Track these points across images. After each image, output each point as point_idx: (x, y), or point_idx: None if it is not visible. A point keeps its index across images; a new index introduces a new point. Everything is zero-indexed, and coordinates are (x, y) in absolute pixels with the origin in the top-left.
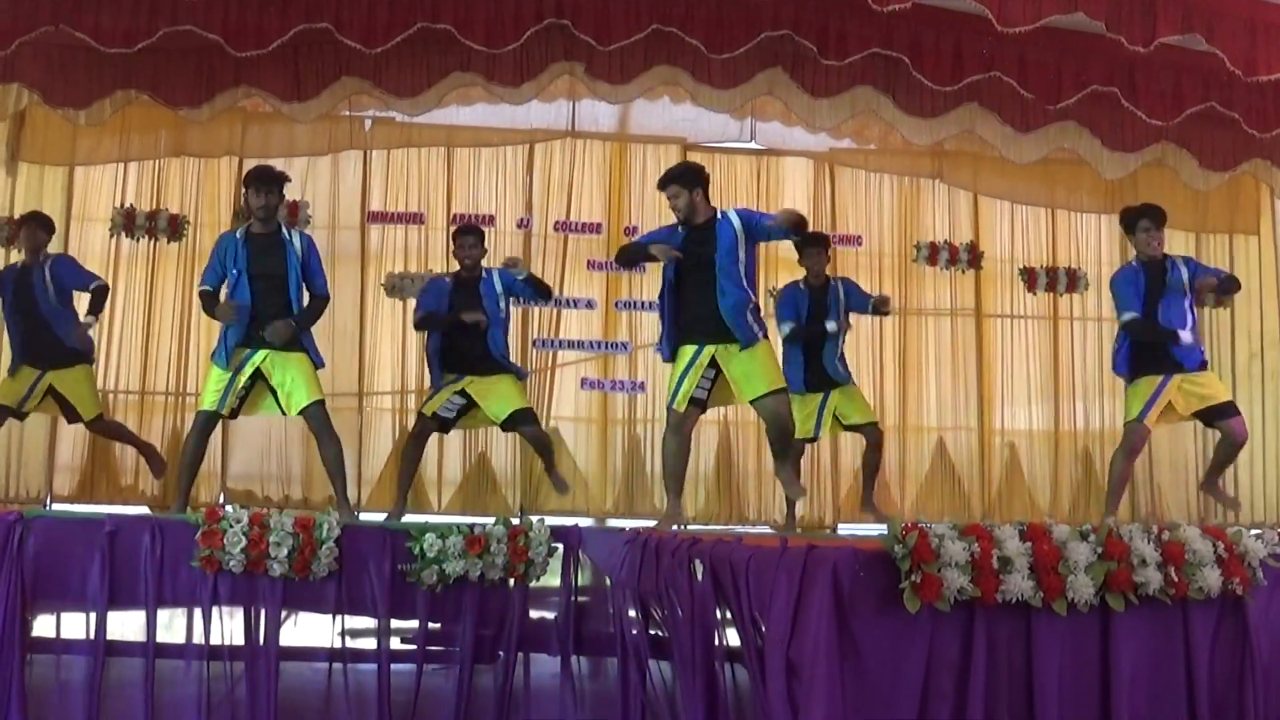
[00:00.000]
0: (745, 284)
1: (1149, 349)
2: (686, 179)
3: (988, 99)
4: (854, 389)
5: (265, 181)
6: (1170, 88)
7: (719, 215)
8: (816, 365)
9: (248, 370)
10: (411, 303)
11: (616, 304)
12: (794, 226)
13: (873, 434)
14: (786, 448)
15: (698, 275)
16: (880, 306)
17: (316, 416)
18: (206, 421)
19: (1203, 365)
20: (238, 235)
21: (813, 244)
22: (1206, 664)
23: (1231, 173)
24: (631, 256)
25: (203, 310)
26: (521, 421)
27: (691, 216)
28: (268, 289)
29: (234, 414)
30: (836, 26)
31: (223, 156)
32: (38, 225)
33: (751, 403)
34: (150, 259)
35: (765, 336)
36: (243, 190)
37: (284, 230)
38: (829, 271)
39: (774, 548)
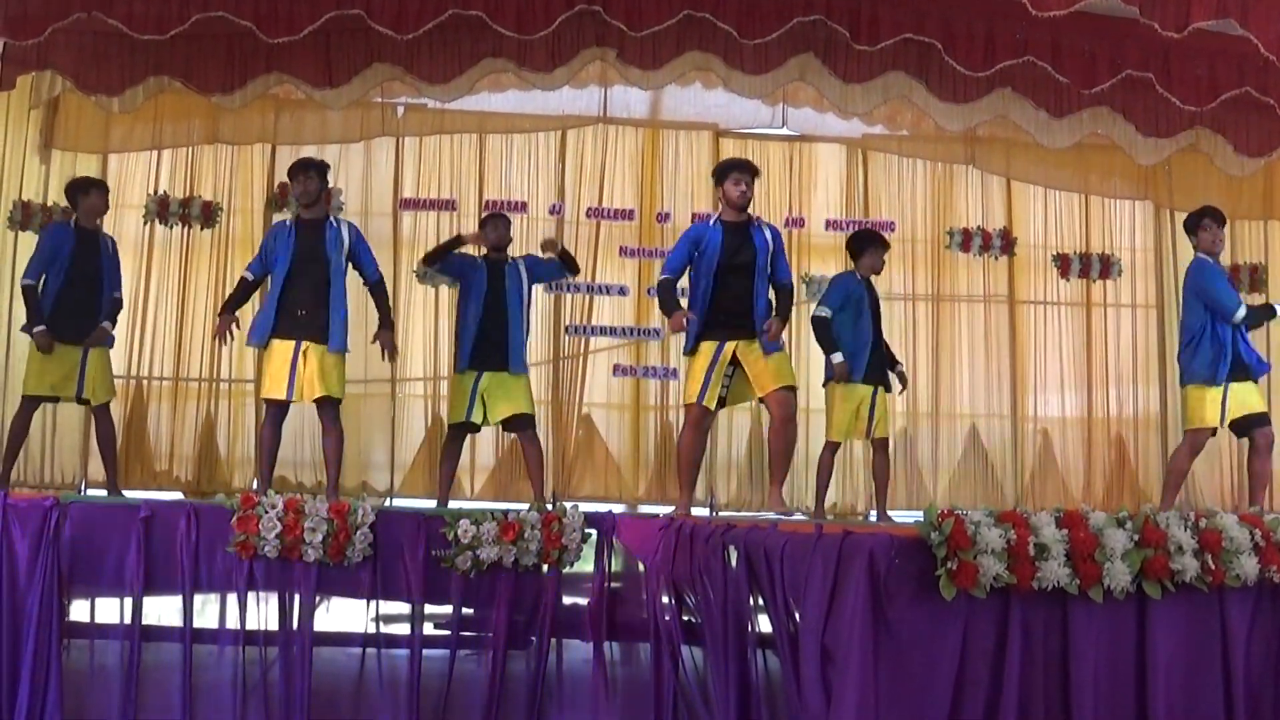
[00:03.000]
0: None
1: (1219, 356)
2: (754, 172)
3: (1021, 84)
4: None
5: (303, 168)
6: (1205, 73)
7: (753, 220)
8: (878, 358)
9: (300, 357)
10: (444, 289)
11: (649, 291)
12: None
13: (884, 442)
14: (788, 456)
15: (733, 273)
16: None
17: (328, 412)
18: (278, 411)
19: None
20: (288, 223)
21: (878, 244)
22: (1243, 651)
23: (1267, 158)
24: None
25: (231, 293)
26: (520, 426)
27: (744, 209)
28: (308, 274)
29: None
30: (868, 11)
31: (255, 143)
32: (102, 194)
33: (764, 397)
34: (184, 245)
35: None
36: (286, 182)
37: (331, 219)
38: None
39: (809, 534)
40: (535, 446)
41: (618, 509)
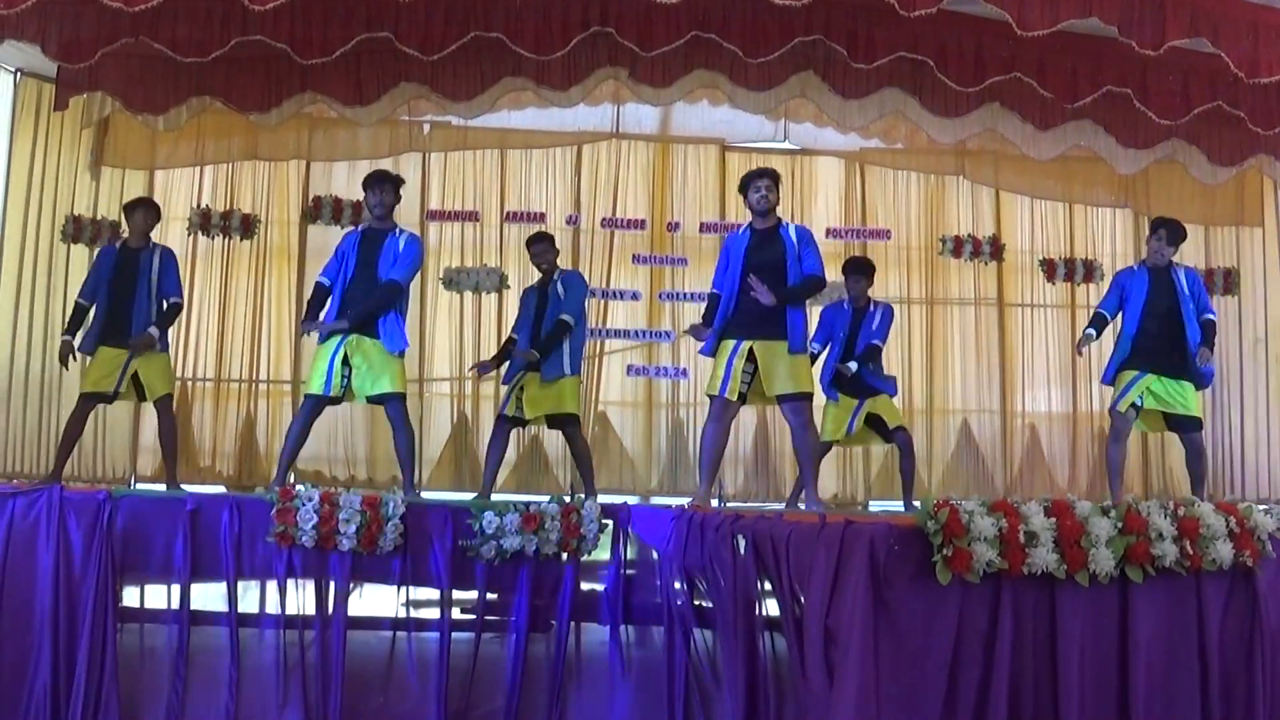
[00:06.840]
0: None
1: (1136, 352)
2: (778, 178)
3: (1008, 99)
4: (887, 397)
5: (379, 180)
6: (1179, 88)
7: (781, 223)
8: (855, 378)
9: (340, 353)
10: (468, 295)
11: (660, 295)
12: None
13: (902, 438)
14: (812, 458)
15: (762, 276)
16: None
17: (394, 408)
18: (313, 405)
19: (1190, 376)
20: (359, 229)
21: (860, 271)
22: (1218, 631)
23: (1238, 168)
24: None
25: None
26: (565, 424)
27: (769, 212)
28: (365, 279)
29: (339, 399)
30: (865, 31)
31: (291, 159)
32: (149, 210)
33: (779, 400)
34: (225, 255)
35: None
36: (320, 195)
37: (396, 229)
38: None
39: (813, 523)
40: (582, 448)
41: (632, 501)
